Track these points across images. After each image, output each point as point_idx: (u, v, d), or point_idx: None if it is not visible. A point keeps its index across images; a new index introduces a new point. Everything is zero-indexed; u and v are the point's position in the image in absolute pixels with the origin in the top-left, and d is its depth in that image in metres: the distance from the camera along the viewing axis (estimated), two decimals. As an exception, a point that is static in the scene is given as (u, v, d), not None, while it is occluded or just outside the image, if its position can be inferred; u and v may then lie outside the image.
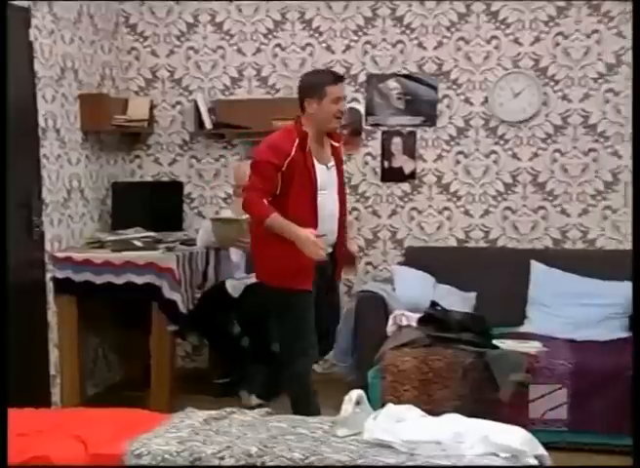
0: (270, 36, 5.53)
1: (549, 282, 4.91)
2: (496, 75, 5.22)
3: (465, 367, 4.21)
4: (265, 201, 3.67)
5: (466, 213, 5.33)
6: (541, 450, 2.69)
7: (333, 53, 5.44)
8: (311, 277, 3.76)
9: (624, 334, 4.57)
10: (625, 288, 4.76)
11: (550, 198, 5.22)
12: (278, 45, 5.52)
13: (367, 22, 5.39)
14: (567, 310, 4.77)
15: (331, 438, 2.72)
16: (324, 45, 5.45)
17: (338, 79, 3.84)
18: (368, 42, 5.39)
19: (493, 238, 5.31)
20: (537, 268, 4.99)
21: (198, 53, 5.62)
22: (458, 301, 4.85)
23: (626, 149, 5.08)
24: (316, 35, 5.46)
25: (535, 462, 2.62)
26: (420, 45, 5.32)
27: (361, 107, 5.41)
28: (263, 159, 3.71)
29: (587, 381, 4.03)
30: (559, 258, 5.01)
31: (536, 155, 5.22)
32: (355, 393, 2.89)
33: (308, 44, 5.48)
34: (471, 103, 5.28)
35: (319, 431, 2.79)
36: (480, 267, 5.05)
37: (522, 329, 4.74)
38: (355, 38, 5.41)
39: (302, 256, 3.63)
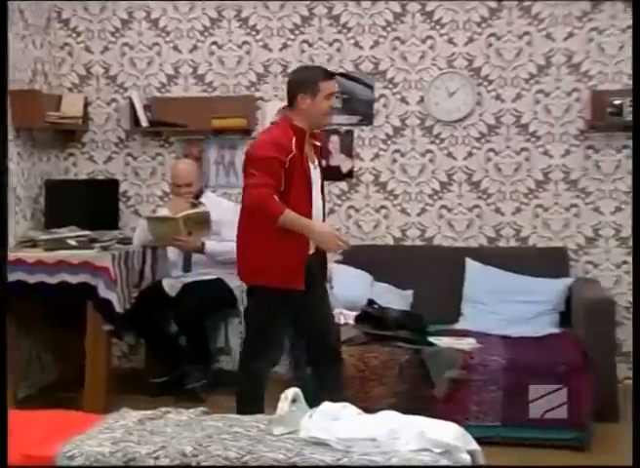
0: (207, 34, 5.50)
1: (484, 279, 4.98)
2: (431, 75, 5.28)
3: (402, 364, 4.25)
4: (276, 197, 3.57)
5: (403, 211, 5.38)
6: (474, 445, 2.73)
7: (270, 51, 5.44)
8: (303, 276, 3.70)
9: (555, 330, 4.66)
10: (556, 284, 4.88)
11: (485, 197, 5.30)
12: (215, 43, 5.49)
13: (304, 21, 5.40)
14: (501, 307, 4.85)
15: (267, 436, 2.72)
16: (261, 43, 5.45)
17: (330, 75, 3.85)
18: (305, 41, 5.40)
19: (429, 236, 5.37)
20: (471, 266, 5.06)
21: (133, 49, 5.56)
22: (395, 299, 4.90)
23: (556, 149, 5.18)
24: (253, 33, 5.45)
25: (467, 457, 2.65)
26: (356, 44, 5.35)
27: (298, 106, 5.41)
28: (270, 155, 3.60)
29: (520, 377, 4.09)
30: (493, 256, 5.09)
31: (470, 154, 5.29)
32: (291, 391, 2.89)
33: (245, 42, 5.47)
34: (407, 103, 5.33)
35: (255, 430, 2.78)
36: (417, 265, 5.11)
37: (457, 326, 4.81)
38: (292, 37, 5.41)
39: (296, 255, 3.63)
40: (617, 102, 4.88)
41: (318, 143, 3.90)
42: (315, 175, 3.81)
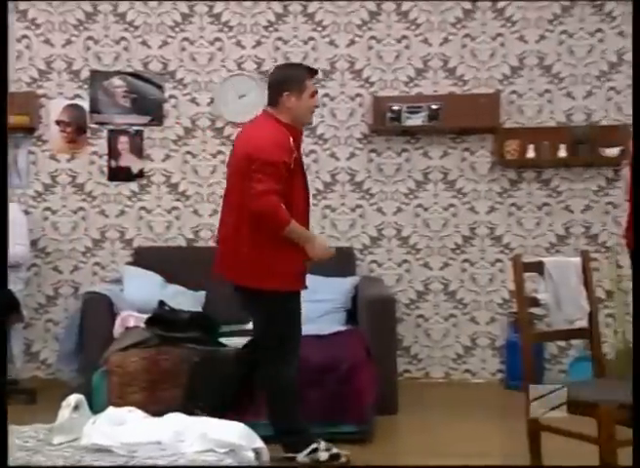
0: (-15, 26, 5.23)
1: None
2: (221, 76, 5.31)
3: (193, 365, 4.22)
4: (283, 205, 3.54)
5: (195, 212, 5.38)
6: (259, 443, 2.78)
7: (52, 46, 5.26)
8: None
9: (342, 328, 4.81)
10: (343, 283, 5.03)
11: (275, 198, 5.38)
12: (-7, 36, 5.24)
13: (88, 17, 5.27)
14: (292, 306, 4.93)
15: (46, 446, 2.64)
16: (42, 38, 5.26)
17: (314, 73, 3.84)
18: (90, 37, 5.27)
19: (220, 237, 5.39)
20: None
21: None
22: (187, 301, 4.88)
23: (342, 151, 5.34)
24: (33, 27, 5.25)
25: (252, 455, 2.70)
26: (144, 43, 5.29)
27: (85, 104, 5.27)
28: (279, 159, 3.54)
29: (308, 374, 4.18)
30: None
31: (260, 156, 5.36)
32: (73, 398, 2.82)
33: (25, 36, 5.26)
34: (197, 104, 5.33)
35: (33, 440, 2.69)
36: (209, 266, 5.07)
37: (249, 326, 4.84)
38: (76, 33, 5.27)
39: (300, 257, 3.65)
40: (395, 108, 5.12)
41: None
42: None
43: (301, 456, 3.75)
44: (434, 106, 5.12)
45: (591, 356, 3.58)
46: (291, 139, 3.64)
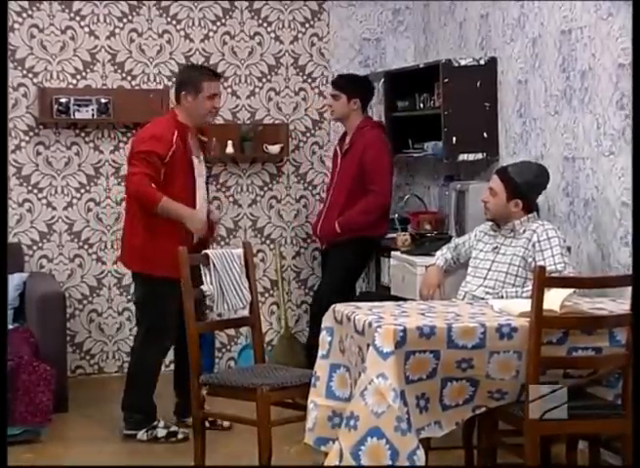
0: None
1: None
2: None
3: None
4: (154, 185, 3.88)
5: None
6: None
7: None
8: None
9: (9, 326, 4.61)
10: (12, 280, 4.82)
11: None
12: None
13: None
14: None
15: None
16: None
17: (215, 76, 4.16)
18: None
19: None
20: None
21: None
22: None
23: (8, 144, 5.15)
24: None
25: None
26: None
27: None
28: (148, 149, 3.91)
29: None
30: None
31: None
32: None
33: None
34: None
35: None
36: None
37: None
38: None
39: (175, 245, 3.68)
40: (63, 100, 5.02)
41: (205, 139, 4.27)
42: (200, 167, 4.14)
43: (141, 433, 4.05)
44: (103, 100, 5.09)
45: (253, 343, 3.81)
46: (175, 134, 3.96)
